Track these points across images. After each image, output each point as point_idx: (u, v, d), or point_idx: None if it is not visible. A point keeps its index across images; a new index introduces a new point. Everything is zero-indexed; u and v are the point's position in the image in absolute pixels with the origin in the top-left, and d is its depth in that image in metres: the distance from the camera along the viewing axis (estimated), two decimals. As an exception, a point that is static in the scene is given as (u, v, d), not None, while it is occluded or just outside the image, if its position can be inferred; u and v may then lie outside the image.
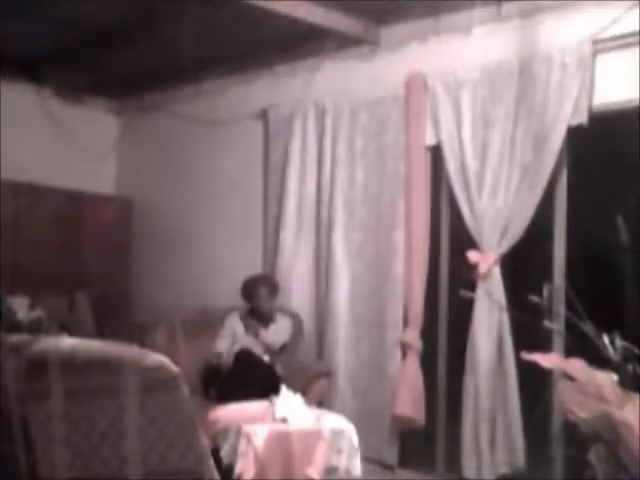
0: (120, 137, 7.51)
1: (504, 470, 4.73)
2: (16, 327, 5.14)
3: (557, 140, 4.58)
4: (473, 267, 4.80)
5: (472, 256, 4.82)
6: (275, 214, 5.99)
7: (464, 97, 4.97)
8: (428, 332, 5.18)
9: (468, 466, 4.80)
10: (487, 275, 4.77)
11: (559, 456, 4.46)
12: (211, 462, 2.47)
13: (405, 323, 5.18)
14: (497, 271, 4.79)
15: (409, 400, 5.05)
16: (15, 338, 2.68)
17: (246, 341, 5.22)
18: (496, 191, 4.81)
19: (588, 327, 2.25)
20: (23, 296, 5.66)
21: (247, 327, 5.33)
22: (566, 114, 4.54)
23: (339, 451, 4.22)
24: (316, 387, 5.05)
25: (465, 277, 4.84)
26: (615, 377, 2.10)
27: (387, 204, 5.29)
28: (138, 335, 5.50)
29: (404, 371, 5.13)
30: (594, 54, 4.51)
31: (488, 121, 4.86)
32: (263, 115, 6.21)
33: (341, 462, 4.22)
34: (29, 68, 6.66)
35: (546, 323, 2.54)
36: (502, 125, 4.80)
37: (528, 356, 2.22)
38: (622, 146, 4.39)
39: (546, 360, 2.20)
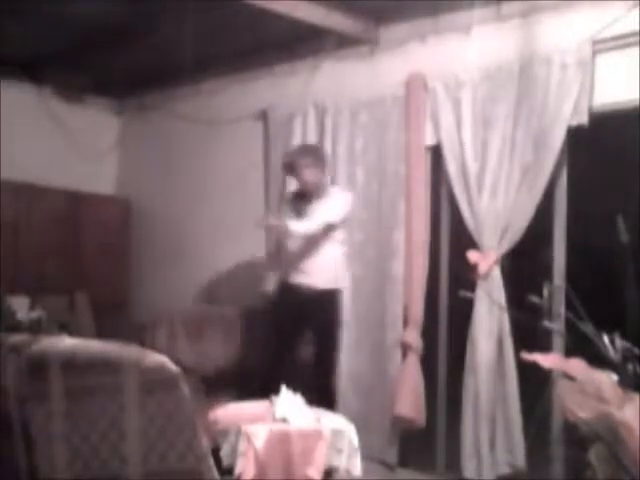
0: (120, 137, 7.52)
1: (504, 470, 4.74)
2: (16, 327, 5.15)
3: (557, 140, 4.58)
4: (473, 267, 4.80)
5: (472, 256, 4.82)
6: (276, 214, 5.97)
7: (464, 97, 4.97)
8: (428, 332, 5.18)
9: (468, 466, 4.81)
10: (487, 275, 4.77)
11: (559, 456, 4.46)
12: (211, 462, 2.47)
13: (405, 323, 5.18)
14: (497, 271, 4.79)
15: (409, 400, 5.05)
16: (15, 338, 2.68)
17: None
18: (496, 191, 4.81)
19: (588, 327, 2.25)
20: (23, 296, 5.67)
21: (294, 210, 5.04)
22: (566, 114, 4.54)
23: (339, 451, 4.22)
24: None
25: (465, 277, 4.84)
26: (615, 377, 2.10)
27: (387, 204, 5.29)
28: (138, 335, 5.51)
29: (404, 371, 5.12)
30: (594, 54, 4.51)
31: (488, 121, 4.86)
32: (263, 115, 6.21)
33: (341, 462, 4.22)
34: (29, 68, 6.67)
35: (546, 323, 2.54)
36: (502, 125, 4.80)
37: (528, 356, 2.22)
38: (622, 146, 4.39)
39: (546, 360, 2.20)
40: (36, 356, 2.47)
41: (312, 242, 4.91)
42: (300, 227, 4.85)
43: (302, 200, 5.05)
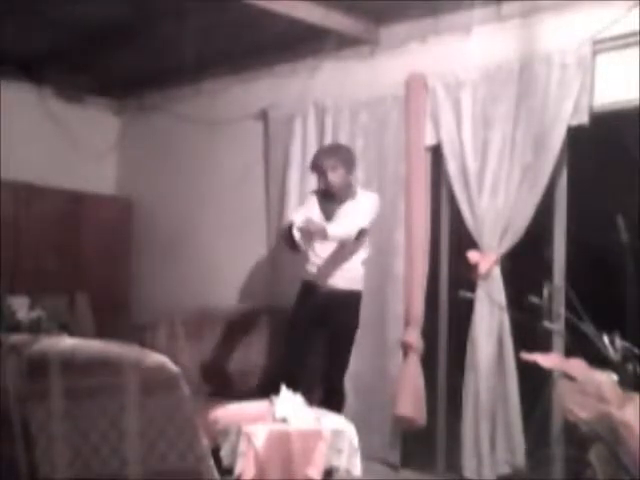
0: (120, 137, 7.51)
1: (504, 470, 4.74)
2: (16, 327, 5.14)
3: (557, 140, 4.58)
4: (473, 267, 4.80)
5: (472, 256, 4.82)
6: (277, 214, 5.99)
7: (464, 97, 4.97)
8: (428, 332, 5.18)
9: (468, 466, 4.81)
10: (487, 275, 4.77)
11: (559, 456, 4.46)
12: (211, 462, 2.47)
13: (406, 323, 5.18)
14: (497, 271, 4.79)
15: (410, 400, 5.05)
16: (15, 338, 2.69)
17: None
18: (496, 191, 4.81)
19: (588, 327, 2.25)
20: (23, 296, 5.66)
21: (322, 210, 4.99)
22: (566, 114, 4.54)
23: (339, 451, 4.22)
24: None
25: (465, 277, 4.84)
26: (615, 377, 2.10)
27: (387, 204, 5.28)
28: (138, 335, 5.51)
29: (405, 371, 5.12)
30: (594, 54, 4.51)
31: (488, 121, 4.86)
32: (263, 115, 6.21)
33: (341, 462, 4.22)
34: (29, 68, 6.66)
35: (546, 323, 2.54)
36: (502, 125, 4.80)
37: (528, 356, 2.21)
38: (622, 146, 4.39)
39: (546, 360, 2.20)
40: (36, 356, 2.47)
41: (343, 245, 4.89)
42: (338, 231, 4.77)
43: (329, 200, 4.99)
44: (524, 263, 4.90)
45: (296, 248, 4.83)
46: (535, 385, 4.06)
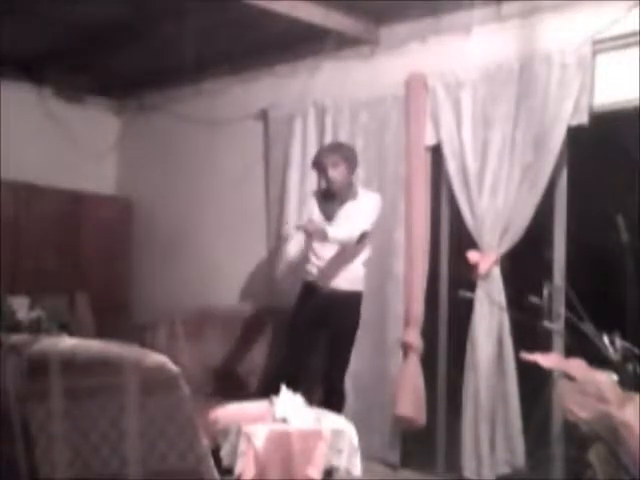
0: (120, 137, 7.51)
1: (504, 470, 4.74)
2: (16, 327, 5.14)
3: (557, 140, 4.58)
4: (473, 267, 4.80)
5: (472, 256, 4.82)
6: (277, 214, 5.99)
7: (464, 97, 4.97)
8: (428, 332, 5.18)
9: (468, 466, 4.81)
10: (487, 275, 4.77)
11: (559, 456, 4.46)
12: (211, 462, 2.47)
13: (406, 323, 5.18)
14: (497, 271, 4.79)
15: (410, 400, 5.05)
16: (15, 338, 2.69)
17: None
18: (496, 191, 4.81)
19: (588, 327, 2.25)
20: (23, 296, 5.67)
21: (322, 211, 4.96)
22: (566, 114, 4.54)
23: (339, 451, 4.21)
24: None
25: (465, 277, 4.84)
26: (615, 377, 2.10)
27: (387, 204, 5.28)
28: (138, 335, 5.51)
29: (405, 371, 5.12)
30: (594, 54, 4.51)
31: (488, 121, 4.86)
32: (263, 115, 6.21)
33: (341, 462, 4.22)
34: (29, 68, 6.67)
35: (546, 323, 2.54)
36: (502, 125, 4.80)
37: (528, 356, 2.22)
38: (622, 146, 4.39)
39: (546, 360, 2.20)
40: (36, 356, 2.48)
41: (344, 248, 4.86)
42: (339, 234, 4.74)
43: (330, 200, 4.96)
44: (524, 263, 4.90)
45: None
46: (535, 385, 4.06)
